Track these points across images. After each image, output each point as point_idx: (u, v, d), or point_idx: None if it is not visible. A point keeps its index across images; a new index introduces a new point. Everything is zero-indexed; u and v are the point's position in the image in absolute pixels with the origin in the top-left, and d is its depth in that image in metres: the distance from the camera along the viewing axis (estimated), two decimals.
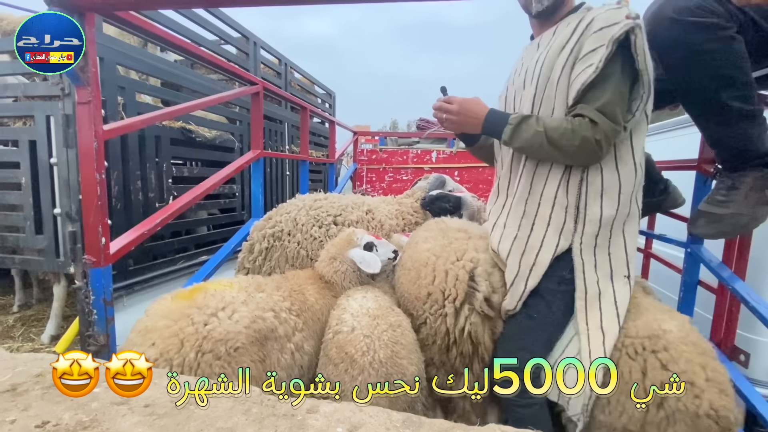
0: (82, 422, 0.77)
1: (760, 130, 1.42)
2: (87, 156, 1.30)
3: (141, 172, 2.55)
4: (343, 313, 1.44)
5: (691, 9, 1.28)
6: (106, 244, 1.35)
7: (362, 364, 1.27)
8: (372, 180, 5.35)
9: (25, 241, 2.42)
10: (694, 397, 1.11)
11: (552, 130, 1.27)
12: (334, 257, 1.72)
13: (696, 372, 1.13)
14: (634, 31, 1.18)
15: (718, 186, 1.56)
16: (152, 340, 1.16)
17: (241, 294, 1.38)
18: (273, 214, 2.04)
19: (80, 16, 1.25)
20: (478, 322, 1.38)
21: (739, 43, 1.28)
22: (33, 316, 3.09)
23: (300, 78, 5.30)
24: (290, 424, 0.82)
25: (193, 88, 3.08)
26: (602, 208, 1.31)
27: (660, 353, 1.18)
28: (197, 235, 3.16)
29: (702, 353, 1.17)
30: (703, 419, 1.09)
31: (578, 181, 1.33)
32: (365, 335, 1.33)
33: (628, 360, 1.22)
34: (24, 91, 2.36)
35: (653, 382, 1.14)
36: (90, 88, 1.28)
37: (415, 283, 1.49)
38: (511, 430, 0.88)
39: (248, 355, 1.24)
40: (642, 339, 1.23)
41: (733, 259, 1.79)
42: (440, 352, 1.44)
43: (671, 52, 1.38)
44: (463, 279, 1.41)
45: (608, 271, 1.34)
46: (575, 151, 1.25)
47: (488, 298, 1.40)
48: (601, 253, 1.34)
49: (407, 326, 1.44)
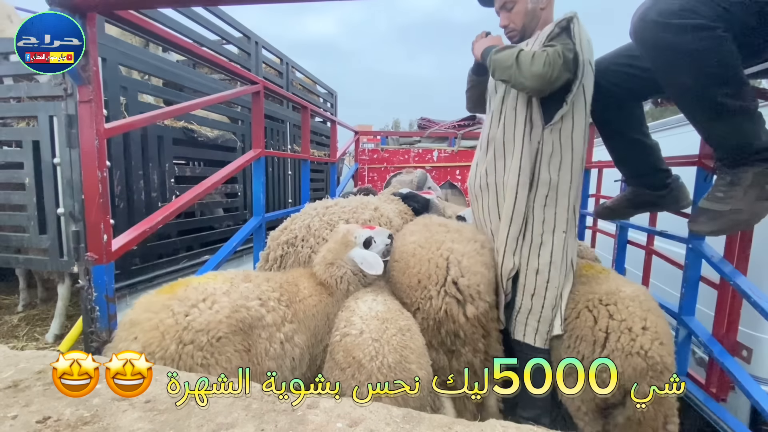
0: (83, 418, 0.77)
1: (756, 126, 1.41)
2: (89, 154, 1.31)
3: (143, 171, 2.56)
4: (352, 315, 1.42)
5: (675, 11, 1.28)
6: (108, 241, 1.36)
7: (370, 369, 1.23)
8: (373, 179, 5.35)
9: (29, 241, 2.43)
10: (630, 340, 1.42)
11: (528, 51, 1.56)
12: (332, 262, 1.65)
13: (635, 322, 1.45)
14: (572, 20, 1.56)
15: (718, 183, 1.55)
16: (134, 333, 1.16)
17: (224, 285, 1.36)
18: (288, 224, 2.04)
19: (81, 16, 1.26)
20: (452, 302, 1.54)
21: (727, 41, 1.27)
22: (37, 315, 3.10)
23: (302, 77, 5.30)
24: (290, 420, 0.82)
25: (195, 88, 3.10)
26: (550, 173, 1.65)
27: (610, 306, 1.52)
28: (199, 234, 3.17)
29: (646, 310, 1.49)
30: (634, 357, 1.40)
31: (534, 151, 1.66)
32: (374, 339, 1.29)
33: (585, 311, 1.57)
34: (27, 91, 2.38)
35: (600, 328, 1.48)
36: (91, 87, 1.29)
37: (405, 273, 1.63)
38: (512, 426, 0.88)
39: (231, 345, 1.23)
40: (600, 295, 1.56)
41: (734, 254, 1.78)
42: (434, 334, 1.56)
43: (659, 54, 1.39)
44: (442, 266, 1.57)
45: (552, 225, 1.68)
46: (530, 61, 1.52)
47: (455, 281, 1.55)
48: (549, 210, 1.67)
49: (416, 330, 1.44)
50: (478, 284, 1.57)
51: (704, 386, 1.89)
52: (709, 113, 1.41)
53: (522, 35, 1.78)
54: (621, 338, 1.43)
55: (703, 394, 1.84)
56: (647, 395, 1.35)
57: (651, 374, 1.39)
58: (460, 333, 1.54)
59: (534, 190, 1.67)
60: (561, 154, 1.64)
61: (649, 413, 1.42)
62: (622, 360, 1.40)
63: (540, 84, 1.54)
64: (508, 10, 1.76)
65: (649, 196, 1.91)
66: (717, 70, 1.30)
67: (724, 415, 1.69)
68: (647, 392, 1.35)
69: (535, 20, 1.75)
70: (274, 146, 4.08)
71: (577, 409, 1.58)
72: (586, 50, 1.56)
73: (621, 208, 2.05)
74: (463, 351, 1.57)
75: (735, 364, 1.69)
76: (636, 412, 1.42)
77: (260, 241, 2.61)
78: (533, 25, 1.75)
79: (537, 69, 1.50)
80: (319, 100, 5.81)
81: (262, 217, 2.55)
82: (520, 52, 1.56)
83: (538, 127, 1.64)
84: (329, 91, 6.09)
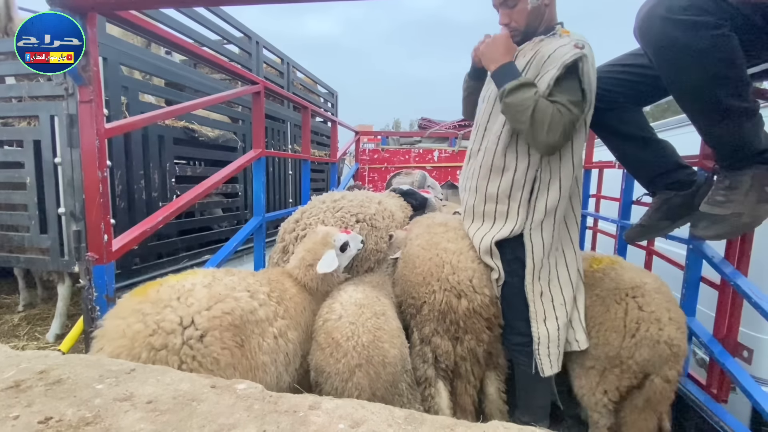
0: (84, 418, 0.77)
1: (756, 128, 1.40)
2: (89, 153, 1.31)
3: (144, 171, 2.56)
4: (334, 302, 1.57)
5: (683, 7, 1.26)
6: (109, 241, 1.36)
7: (346, 347, 1.38)
8: (374, 179, 5.35)
9: (30, 241, 2.43)
10: (658, 330, 1.54)
11: (544, 104, 1.47)
12: (311, 264, 1.66)
13: (662, 312, 1.57)
14: (581, 59, 1.47)
15: (717, 186, 1.54)
16: (101, 344, 1.06)
17: (206, 278, 1.26)
18: (299, 217, 2.05)
19: (81, 16, 1.26)
20: (451, 295, 1.68)
21: (733, 40, 1.26)
22: (38, 315, 3.11)
23: (302, 77, 5.30)
24: (292, 421, 0.82)
25: (195, 88, 3.10)
26: (547, 200, 1.63)
27: (638, 298, 1.61)
28: (200, 234, 3.17)
29: (668, 300, 1.62)
30: (661, 345, 1.53)
31: (532, 176, 1.64)
32: (351, 322, 1.45)
33: (614, 304, 1.65)
34: (28, 91, 2.38)
35: (631, 319, 1.58)
36: (92, 87, 1.28)
37: (413, 272, 1.81)
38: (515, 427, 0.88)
39: (218, 343, 1.12)
40: (626, 289, 1.65)
41: (735, 255, 1.78)
42: (440, 323, 1.72)
43: (664, 50, 1.36)
44: (440, 264, 1.73)
45: (560, 245, 1.72)
46: (547, 129, 1.47)
47: (448, 278, 1.69)
48: (546, 234, 1.66)
49: (391, 314, 1.62)
50: (470, 279, 1.69)
51: (705, 387, 1.89)
52: (713, 113, 1.39)
53: (525, 35, 1.67)
54: (650, 328, 1.55)
55: (704, 395, 1.84)
56: (668, 378, 1.55)
57: (673, 360, 1.55)
58: (460, 323, 1.69)
59: (531, 215, 1.65)
60: (560, 179, 1.62)
61: (668, 392, 1.59)
62: (651, 348, 1.53)
63: (551, 152, 1.55)
64: (509, 7, 1.62)
65: (678, 198, 1.76)
66: (723, 69, 1.28)
67: (724, 415, 1.68)
68: (668, 375, 1.55)
69: (539, 18, 1.63)
70: (274, 146, 4.08)
71: (597, 402, 1.67)
72: (592, 85, 1.52)
73: (654, 221, 1.84)
74: (465, 339, 1.71)
75: (736, 364, 1.69)
76: (657, 393, 1.57)
77: (261, 241, 2.61)
78: (536, 23, 1.64)
79: (552, 140, 1.47)
80: (320, 100, 5.81)
81: (262, 217, 2.55)
82: (537, 105, 1.46)
83: (535, 155, 1.61)
84: (330, 90, 6.09)
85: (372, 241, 2.05)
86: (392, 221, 2.31)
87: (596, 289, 1.75)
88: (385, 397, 1.41)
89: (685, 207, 1.75)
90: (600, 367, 1.66)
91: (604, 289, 1.72)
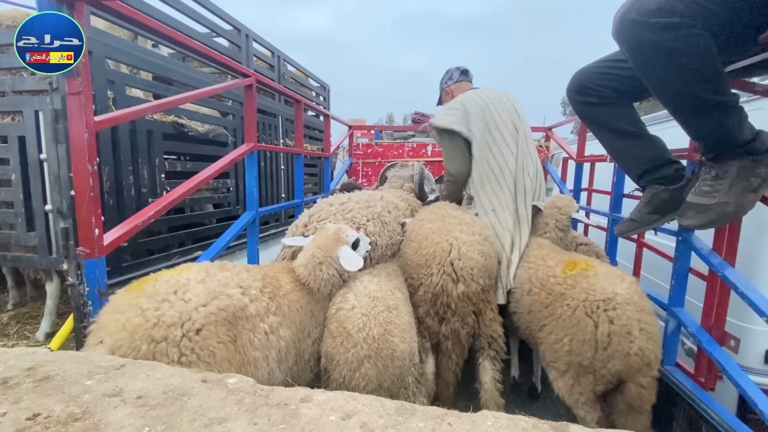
0: (73, 414, 0.76)
1: (737, 120, 1.43)
2: (78, 147, 1.29)
3: (133, 167, 2.52)
4: (348, 292, 1.61)
5: (653, 11, 1.30)
6: (100, 235, 1.34)
7: (357, 338, 1.42)
8: (368, 174, 5.33)
9: (17, 239, 2.40)
10: (629, 342, 1.56)
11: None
12: (321, 262, 1.62)
13: (633, 325, 1.57)
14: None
15: (704, 177, 1.57)
16: (100, 337, 1.08)
17: (199, 274, 1.27)
18: (307, 222, 2.01)
19: (69, 6, 1.24)
20: (448, 279, 1.80)
21: (704, 38, 1.29)
22: (27, 313, 3.07)
23: (294, 71, 5.25)
24: (283, 414, 0.82)
25: (184, 82, 3.05)
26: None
27: (609, 312, 1.61)
28: (192, 230, 3.14)
29: (640, 311, 1.61)
30: (632, 356, 1.56)
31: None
32: (363, 314, 1.48)
33: (585, 318, 1.65)
34: (12, 86, 2.33)
35: (602, 333, 1.59)
36: (80, 79, 1.26)
37: (417, 252, 1.89)
38: (504, 416, 0.89)
39: (214, 337, 1.15)
40: (597, 301, 1.64)
41: (723, 246, 1.80)
42: (431, 305, 1.85)
43: (639, 53, 1.41)
44: (446, 249, 1.83)
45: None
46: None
47: (452, 262, 1.81)
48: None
49: (404, 309, 1.63)
50: (472, 268, 1.82)
51: (693, 376, 1.93)
52: (690, 109, 1.44)
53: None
54: (622, 342, 1.57)
55: (692, 384, 1.88)
56: (641, 384, 1.60)
57: (646, 368, 1.59)
58: (451, 305, 1.82)
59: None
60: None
61: (646, 396, 1.62)
62: (622, 359, 1.58)
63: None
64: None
65: (666, 193, 1.76)
66: (695, 66, 1.32)
67: (712, 403, 1.72)
68: (641, 382, 1.60)
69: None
70: (266, 140, 4.04)
71: (576, 401, 1.71)
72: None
73: (644, 215, 1.84)
74: (452, 320, 1.85)
75: (723, 354, 1.72)
76: (635, 398, 1.62)
77: (254, 236, 2.59)
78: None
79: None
80: (312, 93, 5.76)
81: (255, 211, 2.53)
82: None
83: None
84: (322, 84, 6.03)
85: (386, 236, 2.10)
86: (398, 212, 2.41)
87: (567, 299, 1.73)
88: (391, 389, 1.44)
89: (674, 201, 1.75)
90: (574, 372, 1.70)
91: (575, 299, 1.70)
